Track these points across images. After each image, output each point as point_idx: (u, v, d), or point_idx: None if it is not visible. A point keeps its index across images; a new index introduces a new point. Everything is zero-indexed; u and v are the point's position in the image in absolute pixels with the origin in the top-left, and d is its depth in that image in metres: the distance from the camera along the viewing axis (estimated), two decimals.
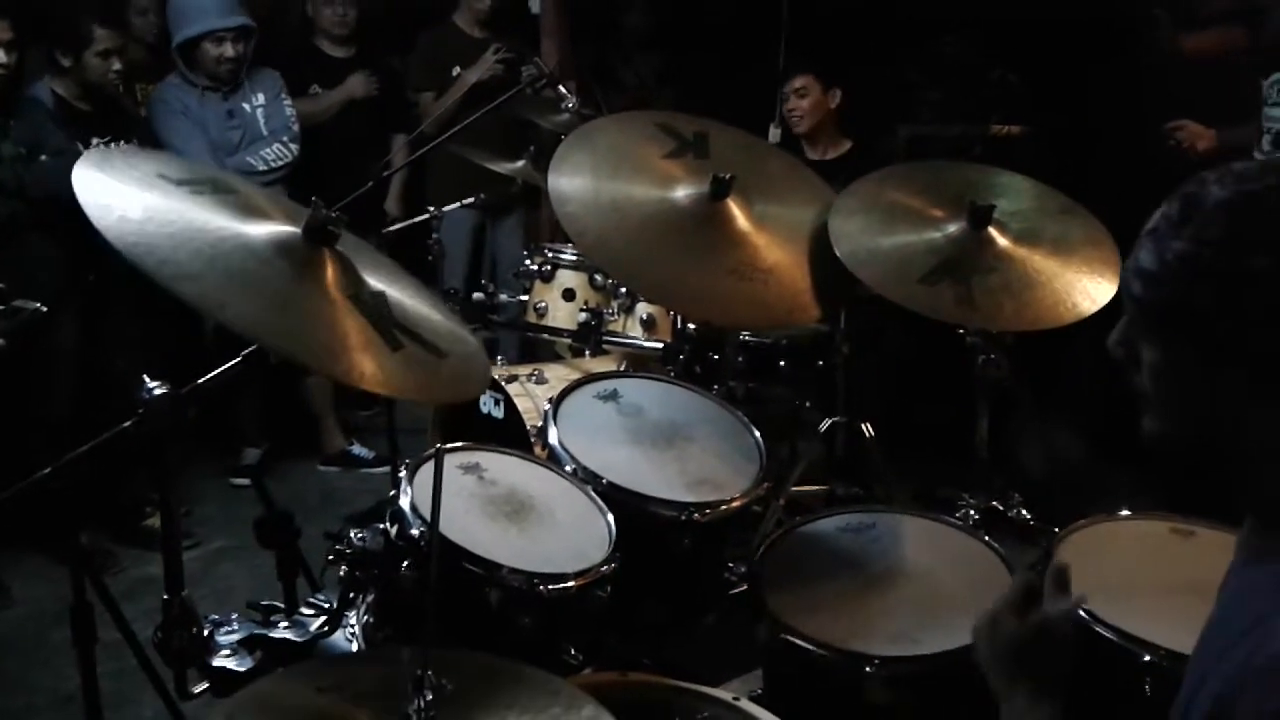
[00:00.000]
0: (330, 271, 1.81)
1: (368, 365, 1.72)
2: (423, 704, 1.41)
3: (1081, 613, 1.98)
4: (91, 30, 3.83)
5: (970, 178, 2.82)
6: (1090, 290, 2.49)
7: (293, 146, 4.45)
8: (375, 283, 1.89)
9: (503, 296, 3.64)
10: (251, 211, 1.83)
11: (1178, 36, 4.11)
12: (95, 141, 3.96)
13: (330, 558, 2.09)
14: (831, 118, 4.24)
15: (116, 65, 3.90)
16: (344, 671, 1.73)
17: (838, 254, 2.51)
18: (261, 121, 4.41)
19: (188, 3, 4.28)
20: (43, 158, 3.71)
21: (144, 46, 4.53)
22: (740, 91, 4.80)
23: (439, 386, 1.89)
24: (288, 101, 4.50)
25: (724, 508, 2.29)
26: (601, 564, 2.06)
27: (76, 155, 3.79)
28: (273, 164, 4.40)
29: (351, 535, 2.04)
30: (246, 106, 4.39)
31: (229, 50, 4.26)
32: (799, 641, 1.99)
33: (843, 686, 1.98)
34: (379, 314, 1.81)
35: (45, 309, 2.22)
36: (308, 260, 1.79)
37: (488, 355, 2.44)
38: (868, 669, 1.94)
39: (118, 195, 1.68)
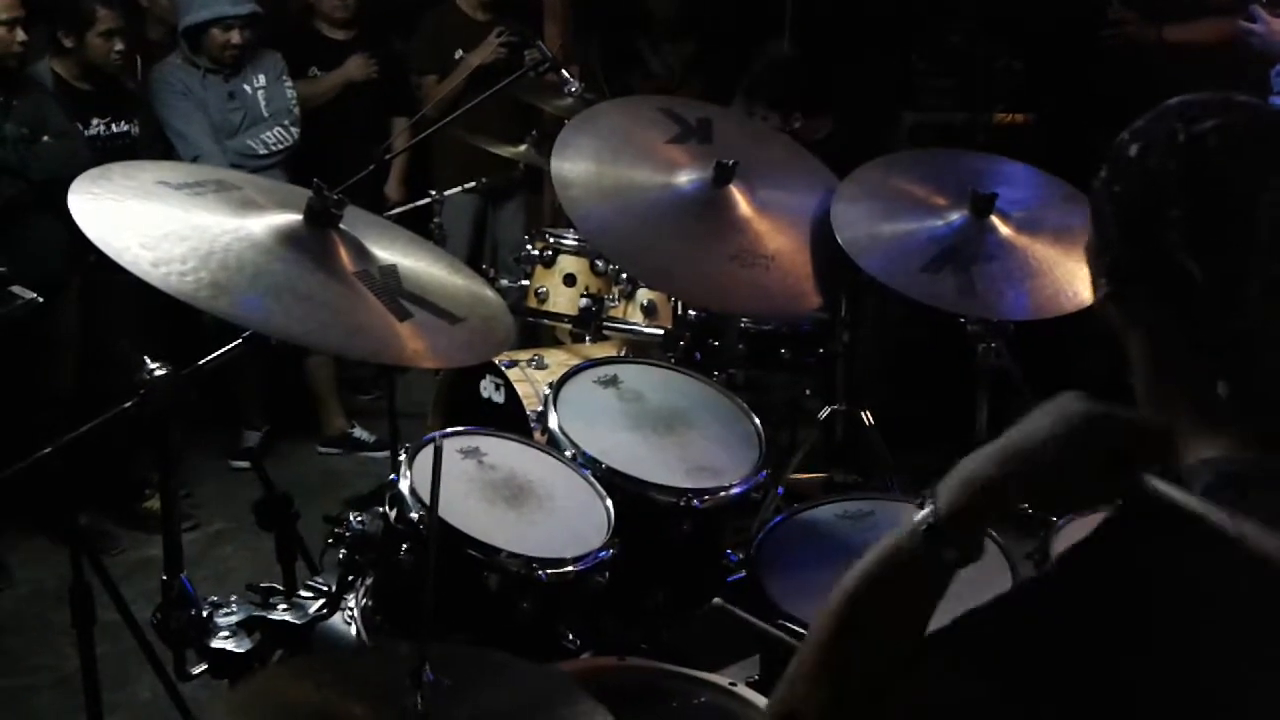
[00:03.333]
0: (342, 253, 1.83)
1: (419, 342, 1.77)
2: (421, 699, 1.41)
3: None
4: (94, 10, 3.82)
5: (974, 166, 2.81)
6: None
7: (293, 130, 4.44)
8: (385, 255, 1.91)
9: (503, 281, 3.64)
10: (254, 206, 1.84)
11: (1157, 28, 4.10)
12: (95, 122, 3.96)
13: (329, 541, 2.09)
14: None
15: (119, 46, 3.89)
16: (342, 665, 1.74)
17: (839, 241, 2.50)
18: (263, 103, 4.40)
19: None
20: (45, 139, 3.71)
21: (165, 27, 4.52)
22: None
23: (453, 351, 1.91)
24: (289, 84, 4.48)
25: (723, 494, 2.29)
26: (600, 549, 2.06)
27: (78, 137, 3.83)
28: (273, 147, 4.38)
29: (351, 518, 2.05)
30: (248, 88, 4.38)
31: (236, 37, 4.24)
32: (796, 627, 2.00)
33: None
34: (385, 287, 1.83)
35: (41, 299, 2.21)
36: (319, 247, 1.81)
37: None
38: None
39: (127, 226, 1.69)
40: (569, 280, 3.52)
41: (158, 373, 1.77)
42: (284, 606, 2.03)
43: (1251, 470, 1.08)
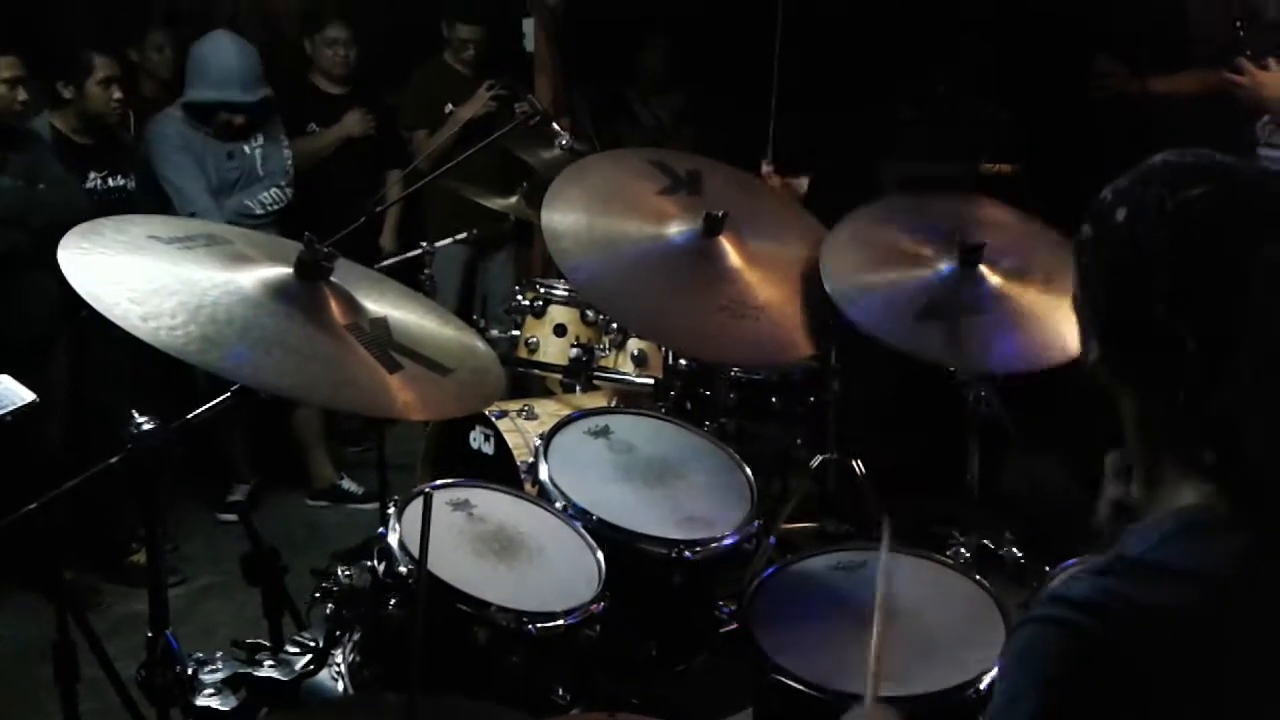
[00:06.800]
0: (333, 306, 1.83)
1: (409, 394, 1.77)
2: None
3: None
4: (91, 59, 3.85)
5: (962, 211, 2.82)
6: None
7: (288, 191, 4.46)
8: (376, 308, 1.91)
9: (494, 332, 3.64)
10: (245, 260, 1.85)
11: (1142, 80, 4.15)
12: (92, 176, 3.97)
13: (317, 595, 2.07)
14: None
15: (117, 94, 3.92)
16: (331, 717, 1.72)
17: (827, 291, 2.51)
18: (259, 162, 4.41)
19: (212, 64, 4.23)
20: (41, 186, 3.72)
21: (158, 83, 4.55)
22: (737, 128, 4.83)
23: (445, 402, 1.91)
24: (286, 144, 4.51)
25: (714, 545, 2.28)
26: (591, 602, 2.05)
27: (75, 183, 3.84)
28: (269, 207, 4.40)
29: (339, 572, 2.04)
30: (246, 148, 4.39)
31: (240, 119, 4.27)
32: (789, 681, 1.98)
33: None
34: (375, 339, 1.83)
35: (38, 400, 2.21)
36: (310, 300, 1.81)
37: None
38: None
39: (117, 280, 1.69)
40: (559, 330, 3.53)
41: (145, 426, 1.76)
42: (270, 663, 2.00)
43: (1221, 520, 1.09)
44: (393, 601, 1.96)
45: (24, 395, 2.17)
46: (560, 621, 1.99)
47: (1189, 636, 1.04)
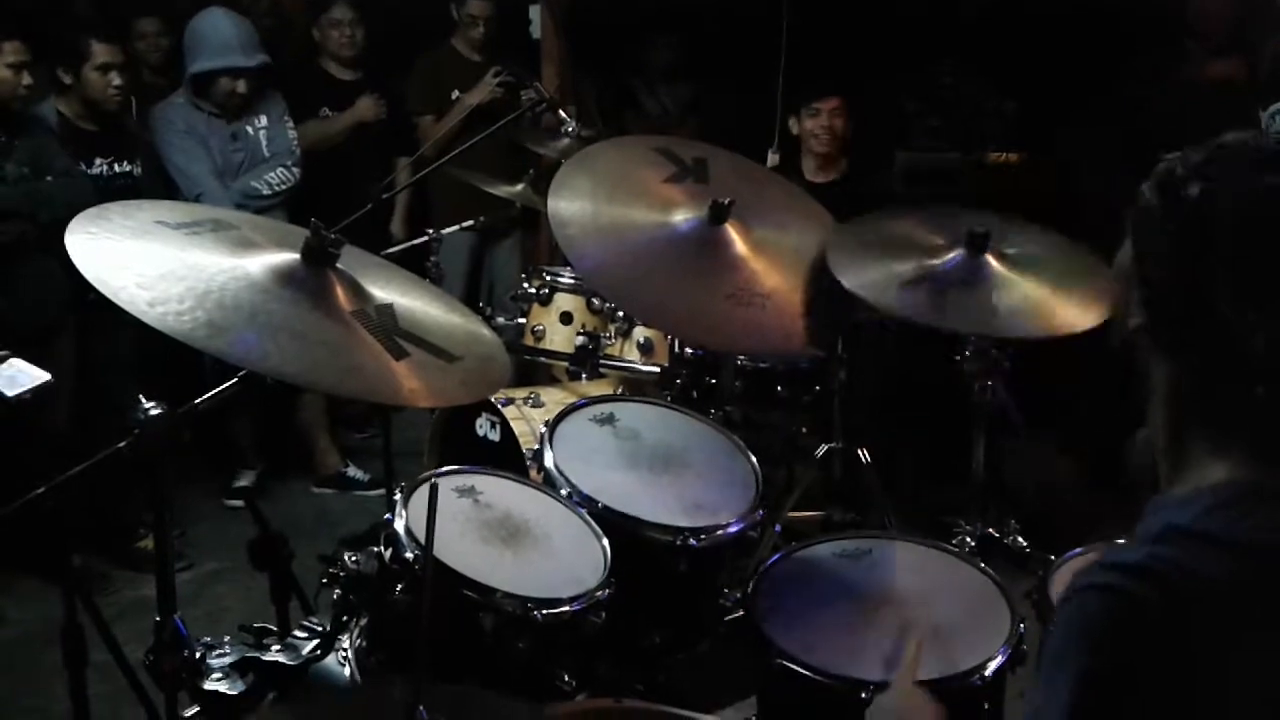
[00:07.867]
0: (339, 292, 1.83)
1: (415, 381, 1.78)
2: None
3: None
4: (89, 45, 3.84)
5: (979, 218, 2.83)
6: (1075, 314, 2.52)
7: (295, 170, 4.47)
8: (382, 294, 1.91)
9: (500, 319, 3.64)
10: (252, 245, 1.85)
11: (1206, 67, 4.16)
12: (98, 162, 3.97)
13: (324, 580, 2.08)
14: (842, 143, 4.27)
15: (117, 81, 3.91)
16: (336, 705, 1.73)
17: (829, 265, 2.52)
18: (264, 144, 4.42)
19: (209, 34, 4.25)
20: (48, 179, 3.72)
21: (151, 70, 4.55)
22: (743, 118, 4.82)
23: (451, 389, 1.92)
24: (290, 124, 4.52)
25: (720, 532, 2.28)
26: (596, 589, 2.05)
27: (81, 177, 3.84)
28: (277, 188, 4.41)
29: (345, 558, 2.04)
30: (250, 129, 4.40)
31: (243, 87, 4.28)
32: (794, 667, 1.98)
33: (838, 713, 1.96)
34: (381, 326, 1.83)
35: (52, 379, 2.21)
36: (316, 286, 1.82)
37: None
38: (863, 695, 1.93)
39: (124, 265, 1.70)
40: (565, 318, 3.53)
41: (152, 412, 1.76)
42: (277, 647, 2.01)
43: (1261, 493, 1.10)
44: (399, 587, 1.97)
45: (39, 375, 2.18)
46: (566, 608, 2.00)
47: (1237, 607, 1.06)
